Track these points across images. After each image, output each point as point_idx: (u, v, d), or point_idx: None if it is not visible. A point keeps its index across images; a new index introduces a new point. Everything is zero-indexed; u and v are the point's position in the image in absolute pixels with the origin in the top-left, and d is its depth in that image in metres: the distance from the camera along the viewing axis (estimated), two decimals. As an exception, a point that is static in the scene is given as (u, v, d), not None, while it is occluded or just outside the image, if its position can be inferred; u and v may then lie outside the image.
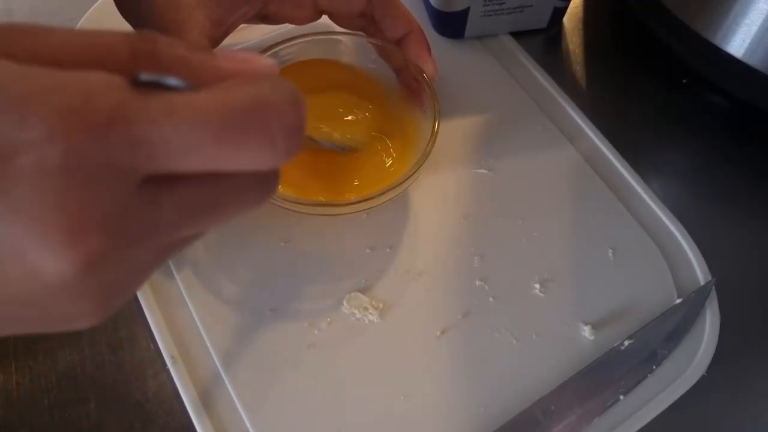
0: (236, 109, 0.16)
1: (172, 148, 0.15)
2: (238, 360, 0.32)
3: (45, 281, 0.15)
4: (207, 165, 0.16)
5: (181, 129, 0.15)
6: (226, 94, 0.16)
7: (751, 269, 0.37)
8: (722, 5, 0.39)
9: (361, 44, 0.38)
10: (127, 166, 0.15)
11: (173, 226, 0.17)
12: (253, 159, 0.16)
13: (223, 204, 0.18)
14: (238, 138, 0.16)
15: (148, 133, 0.15)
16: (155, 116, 0.15)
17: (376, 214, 0.37)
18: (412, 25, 0.36)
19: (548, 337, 0.33)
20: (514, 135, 0.41)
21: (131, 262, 0.17)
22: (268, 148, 0.16)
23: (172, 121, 0.15)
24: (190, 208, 0.17)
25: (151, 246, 0.17)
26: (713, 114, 0.44)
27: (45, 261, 0.15)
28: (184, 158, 0.16)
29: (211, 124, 0.15)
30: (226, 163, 0.16)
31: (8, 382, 0.32)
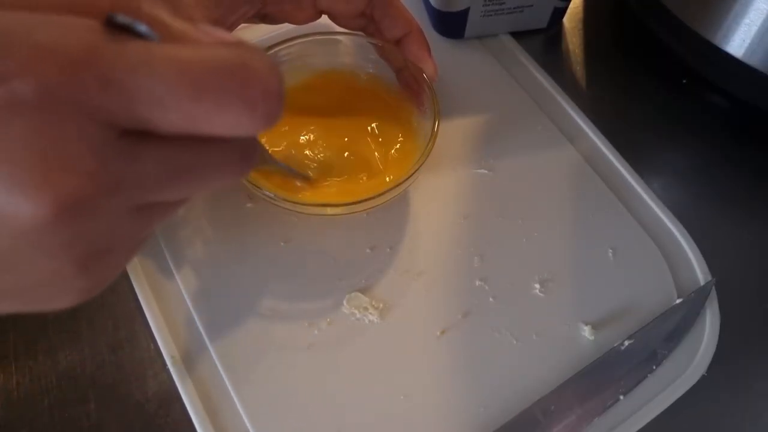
0: (216, 64, 0.15)
1: (148, 98, 0.15)
2: (238, 360, 0.32)
3: (16, 226, 0.14)
4: (184, 124, 0.16)
5: (158, 78, 0.15)
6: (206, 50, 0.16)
7: (751, 269, 0.37)
8: (722, 5, 0.39)
9: (361, 44, 0.38)
10: (102, 111, 0.15)
11: (151, 184, 0.17)
12: (233, 122, 0.16)
13: (202, 168, 0.18)
14: (218, 96, 0.15)
15: (125, 78, 0.14)
16: (132, 61, 0.15)
17: (376, 214, 0.37)
18: (411, 26, 0.36)
19: (548, 337, 0.33)
20: (514, 135, 0.41)
21: (110, 220, 0.16)
22: (247, 111, 0.16)
23: (151, 69, 0.15)
24: (169, 169, 0.17)
25: (128, 203, 0.16)
26: (713, 114, 0.44)
27: (15, 202, 0.14)
28: (160, 111, 0.15)
29: (189, 75, 0.15)
30: (205, 122, 0.16)
31: (8, 382, 0.32)
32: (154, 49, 0.15)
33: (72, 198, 0.14)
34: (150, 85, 0.15)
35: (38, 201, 0.14)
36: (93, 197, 0.15)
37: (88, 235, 0.16)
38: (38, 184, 0.14)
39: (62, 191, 0.14)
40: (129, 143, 0.15)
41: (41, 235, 0.15)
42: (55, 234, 0.15)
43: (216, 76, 0.15)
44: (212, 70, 0.15)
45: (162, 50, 0.15)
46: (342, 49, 0.39)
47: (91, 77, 0.14)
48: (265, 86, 0.16)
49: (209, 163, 0.18)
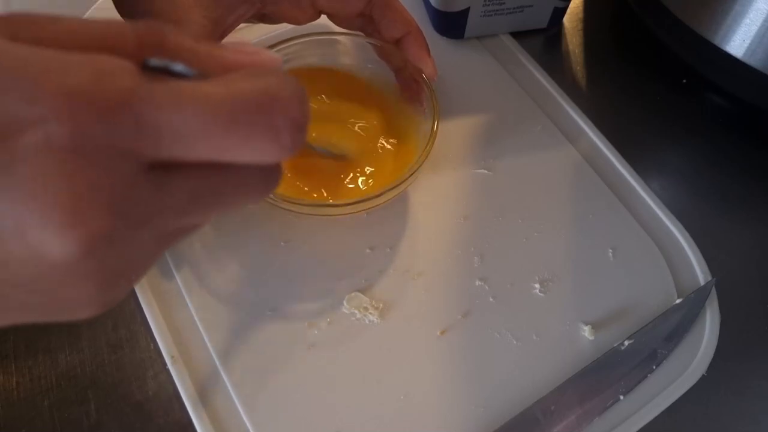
0: (244, 100, 0.16)
1: (179, 135, 0.15)
2: (237, 360, 0.32)
3: (48, 261, 0.15)
4: (212, 154, 0.16)
5: (188, 116, 0.15)
6: (234, 84, 0.16)
7: (751, 269, 0.37)
8: (722, 5, 0.39)
9: (360, 44, 0.38)
10: (134, 150, 0.15)
11: (177, 213, 0.17)
12: (258, 152, 0.17)
13: (226, 194, 0.18)
14: (245, 129, 0.16)
15: (156, 119, 0.15)
16: (164, 102, 0.15)
17: (376, 214, 0.37)
18: (410, 26, 0.36)
19: (548, 337, 0.33)
20: (514, 135, 0.41)
21: (134, 247, 0.17)
22: (273, 142, 0.16)
23: (181, 107, 0.15)
24: (195, 196, 0.17)
25: (154, 232, 0.17)
26: (713, 114, 0.44)
27: (48, 240, 0.14)
28: (190, 146, 0.16)
29: (219, 114, 0.16)
30: (231, 153, 0.16)
31: (8, 382, 0.32)
32: (185, 89, 0.16)
33: (101, 235, 0.15)
34: (180, 125, 0.15)
35: (69, 239, 0.15)
36: (121, 232, 0.16)
37: (113, 263, 0.16)
38: (69, 222, 0.14)
39: (92, 230, 0.15)
40: (156, 175, 0.16)
41: (69, 268, 0.15)
42: (82, 266, 0.15)
43: (244, 110, 0.16)
44: (240, 105, 0.16)
45: (192, 88, 0.16)
46: (341, 49, 0.39)
47: (125, 121, 0.15)
48: (289, 116, 0.17)
49: (233, 188, 0.18)
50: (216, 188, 0.18)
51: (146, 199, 0.16)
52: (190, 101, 0.15)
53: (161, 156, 0.16)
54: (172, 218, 0.17)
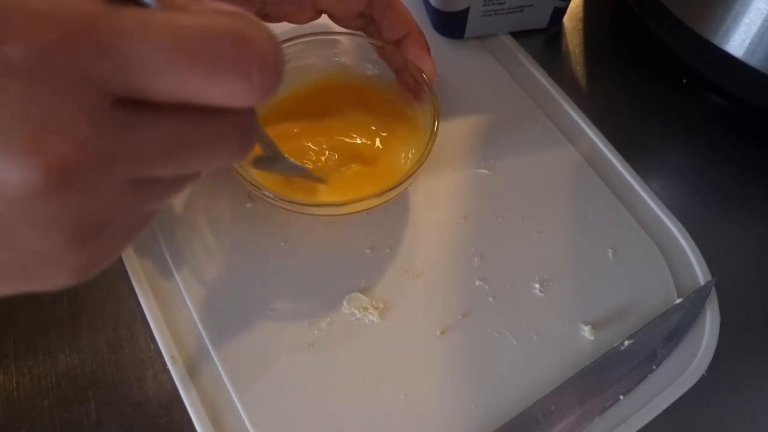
0: (213, 33, 0.15)
1: (143, 64, 0.15)
2: (238, 360, 0.32)
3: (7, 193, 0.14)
4: (179, 91, 0.15)
5: (154, 44, 0.15)
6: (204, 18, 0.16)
7: (751, 269, 0.37)
8: (722, 5, 0.39)
9: (361, 44, 0.38)
10: (96, 78, 0.14)
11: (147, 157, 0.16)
12: (228, 90, 0.16)
13: (200, 142, 0.17)
14: (213, 63, 0.15)
15: (120, 45, 0.14)
16: (128, 28, 0.14)
17: (376, 214, 0.37)
18: (411, 26, 0.36)
19: (548, 337, 0.33)
20: (514, 135, 0.41)
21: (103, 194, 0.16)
22: (243, 80, 0.16)
23: (146, 35, 0.14)
24: (165, 140, 0.16)
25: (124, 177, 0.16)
26: (713, 114, 0.44)
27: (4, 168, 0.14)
28: (155, 78, 0.15)
29: (186, 43, 0.15)
30: (199, 90, 0.16)
31: (8, 382, 0.32)
32: (150, 16, 0.15)
33: (63, 165, 0.14)
34: (145, 52, 0.14)
35: (28, 166, 0.14)
36: (85, 165, 0.15)
37: (80, 206, 0.16)
38: (28, 148, 0.14)
39: (53, 157, 0.14)
40: (123, 112, 0.15)
41: (32, 204, 0.15)
42: (46, 203, 0.15)
43: (211, 43, 0.15)
44: (208, 37, 0.15)
45: (159, 17, 0.15)
46: (342, 49, 0.39)
47: (86, 44, 0.14)
48: (261, 55, 0.16)
49: (206, 137, 0.17)
50: (188, 133, 0.17)
51: (111, 134, 0.15)
52: (156, 28, 0.15)
53: (126, 89, 0.15)
54: (142, 162, 0.16)
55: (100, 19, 0.14)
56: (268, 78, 0.16)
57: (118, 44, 0.14)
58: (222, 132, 0.18)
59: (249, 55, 0.16)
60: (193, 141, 0.17)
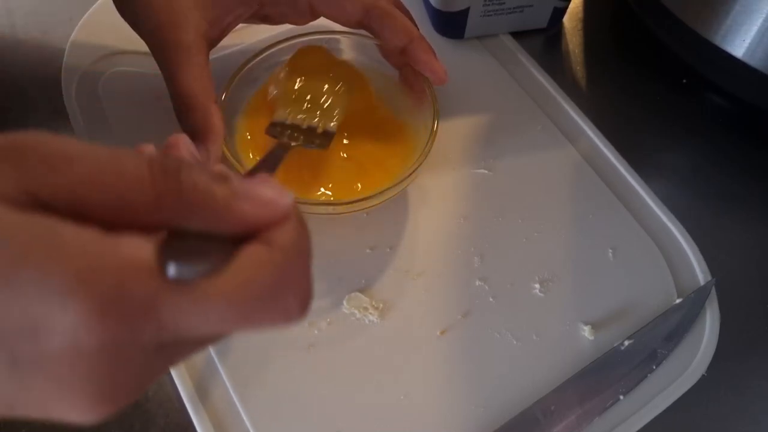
0: (256, 291, 0.17)
1: (196, 331, 0.16)
2: (238, 360, 0.32)
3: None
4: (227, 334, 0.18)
5: (205, 317, 0.16)
6: (245, 274, 0.17)
7: (751, 269, 0.37)
8: (722, 5, 0.39)
9: (361, 43, 0.38)
10: (154, 345, 0.16)
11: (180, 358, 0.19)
12: (270, 326, 0.18)
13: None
14: (258, 318, 0.17)
15: (176, 321, 0.16)
16: (183, 305, 0.16)
17: (376, 214, 0.37)
18: (412, 34, 0.35)
19: (548, 337, 0.33)
20: (514, 135, 0.41)
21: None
22: (284, 319, 0.18)
23: (198, 310, 0.16)
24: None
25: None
26: (713, 114, 0.44)
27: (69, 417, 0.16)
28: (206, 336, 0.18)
29: (235, 312, 0.16)
30: (247, 331, 0.18)
31: (8, 382, 0.32)
32: (201, 290, 0.16)
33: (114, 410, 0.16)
34: (200, 324, 0.16)
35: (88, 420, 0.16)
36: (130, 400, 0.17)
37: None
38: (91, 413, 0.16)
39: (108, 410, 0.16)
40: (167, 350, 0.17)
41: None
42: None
43: (256, 303, 0.17)
44: (253, 298, 0.17)
45: (208, 289, 0.16)
46: (342, 48, 0.39)
47: (148, 326, 0.15)
48: (299, 294, 0.18)
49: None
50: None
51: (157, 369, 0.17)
52: (207, 302, 0.16)
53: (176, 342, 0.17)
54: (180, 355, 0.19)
55: (159, 301, 0.16)
56: (305, 309, 0.18)
57: (174, 322, 0.16)
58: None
59: (289, 297, 0.18)
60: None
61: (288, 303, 0.17)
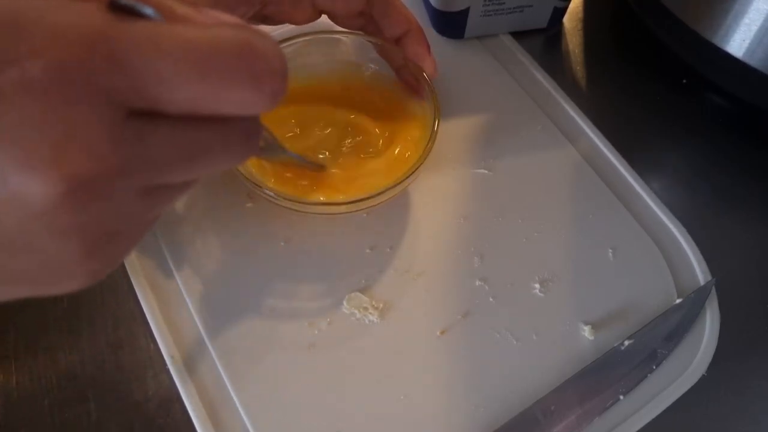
0: (221, 44, 0.16)
1: (156, 76, 0.15)
2: (238, 360, 0.32)
3: (28, 207, 0.15)
4: (191, 101, 0.16)
5: (166, 56, 0.15)
6: (211, 29, 0.16)
7: (751, 269, 0.37)
8: (722, 5, 0.39)
9: (361, 43, 0.38)
10: (112, 91, 0.15)
11: (159, 166, 0.17)
12: (239, 100, 0.16)
13: (210, 149, 0.18)
14: (224, 74, 0.16)
15: (133, 57, 0.15)
16: (140, 41, 0.15)
17: (376, 214, 0.37)
18: (411, 24, 0.36)
19: (548, 337, 0.33)
20: (514, 135, 0.41)
21: (118, 202, 0.16)
22: (253, 90, 0.16)
23: (158, 48, 0.15)
24: (177, 149, 0.17)
25: (137, 185, 0.17)
26: (713, 114, 0.44)
27: (26, 182, 0.14)
28: (168, 89, 0.15)
29: (198, 56, 0.15)
30: (211, 101, 0.16)
31: (8, 382, 0.32)
32: (160, 28, 0.15)
33: (83, 177, 0.15)
34: (157, 64, 0.15)
35: (49, 180, 0.14)
36: (103, 177, 0.15)
37: (97, 216, 0.16)
38: (49, 163, 0.14)
39: (73, 170, 0.14)
40: (138, 124, 0.16)
41: (52, 216, 0.15)
42: (65, 214, 0.15)
43: (222, 55, 0.16)
44: (218, 49, 0.16)
45: (168, 30, 0.15)
46: (342, 48, 0.39)
47: (100, 57, 0.14)
48: (269, 65, 0.16)
49: (216, 143, 0.18)
50: (198, 142, 0.17)
51: (127, 146, 0.15)
52: (168, 42, 0.15)
53: (140, 101, 0.15)
54: (156, 171, 0.17)
55: (113, 33, 0.15)
56: (277, 85, 0.17)
57: (131, 58, 0.15)
58: (230, 137, 0.18)
59: (258, 64, 0.16)
60: (203, 148, 0.17)
61: (257, 68, 0.16)
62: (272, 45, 0.17)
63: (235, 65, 0.16)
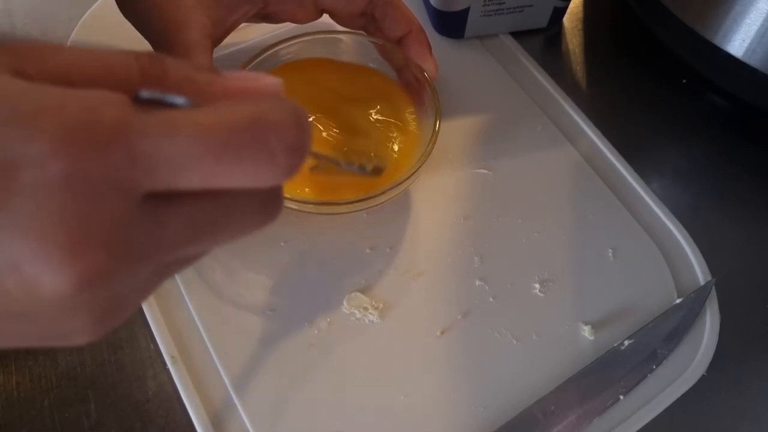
0: (236, 125, 0.16)
1: (172, 163, 0.15)
2: (238, 360, 0.32)
3: (42, 297, 0.15)
4: (207, 181, 0.16)
5: (181, 144, 0.15)
6: (227, 111, 0.16)
7: (751, 269, 0.37)
8: (722, 5, 0.39)
9: (362, 43, 0.38)
10: (128, 182, 0.15)
11: (175, 245, 0.17)
12: (253, 175, 0.16)
13: (225, 223, 0.18)
14: (237, 153, 0.16)
15: (149, 149, 0.15)
16: (156, 131, 0.15)
17: (376, 214, 0.37)
18: (412, 25, 0.36)
19: (548, 337, 0.33)
20: (514, 135, 0.41)
21: (131, 280, 0.17)
22: (267, 164, 0.16)
23: (172, 136, 0.15)
24: (192, 227, 0.17)
25: (152, 264, 0.17)
26: (713, 114, 0.44)
27: (43, 276, 0.15)
28: (183, 174, 0.16)
29: (211, 140, 0.15)
30: (226, 179, 0.16)
31: (8, 382, 0.32)
32: (177, 118, 0.15)
33: (97, 272, 0.15)
34: (174, 153, 0.15)
35: (62, 275, 0.15)
36: (115, 268, 0.15)
37: (109, 298, 0.16)
38: (63, 260, 0.14)
39: (86, 266, 0.15)
40: (151, 207, 0.16)
41: (63, 303, 0.15)
42: (76, 301, 0.15)
43: (235, 136, 0.16)
44: (231, 130, 0.16)
45: (184, 117, 0.16)
46: (343, 48, 0.39)
47: (118, 153, 0.15)
48: (285, 139, 0.16)
49: (232, 217, 0.18)
50: (214, 217, 0.17)
51: (142, 232, 0.16)
52: (182, 129, 0.15)
53: (155, 186, 0.16)
54: (170, 250, 0.17)
55: (129, 126, 0.15)
56: (295, 158, 0.17)
57: (146, 149, 0.15)
58: (247, 209, 0.18)
59: (273, 141, 0.16)
60: (219, 222, 0.18)
61: (271, 144, 0.16)
62: (289, 115, 0.17)
63: (249, 144, 0.16)
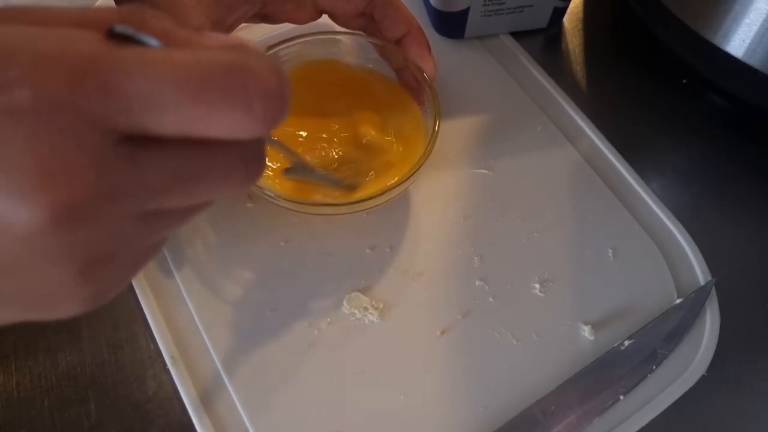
0: (213, 67, 0.15)
1: (145, 102, 0.15)
2: (238, 360, 0.32)
3: (15, 232, 0.15)
4: (183, 126, 0.16)
5: (155, 82, 0.15)
6: (205, 53, 0.16)
7: (751, 269, 0.37)
8: (722, 5, 0.39)
9: (362, 44, 0.38)
10: (101, 117, 0.15)
11: (154, 191, 0.16)
12: (230, 122, 0.16)
13: (206, 176, 0.17)
14: (214, 97, 0.15)
15: (122, 84, 0.15)
16: (130, 67, 0.15)
17: (376, 214, 0.37)
18: (411, 25, 0.36)
19: (548, 337, 0.33)
20: (514, 135, 0.41)
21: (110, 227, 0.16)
22: (244, 111, 0.16)
23: (147, 73, 0.15)
24: (172, 174, 0.16)
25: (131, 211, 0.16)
26: (713, 114, 0.44)
27: (13, 208, 0.14)
28: (158, 114, 0.15)
29: (187, 79, 0.15)
30: (202, 124, 0.16)
31: (8, 382, 0.32)
32: (151, 54, 0.15)
33: (69, 203, 0.15)
34: (146, 89, 0.15)
35: (35, 206, 0.14)
36: (91, 203, 0.15)
37: (87, 241, 0.16)
38: (35, 190, 0.14)
39: (59, 197, 0.14)
40: (128, 149, 0.16)
41: (40, 241, 0.15)
42: (53, 239, 0.15)
43: (212, 77, 0.15)
44: (208, 72, 0.15)
45: (160, 54, 0.15)
46: (342, 48, 0.39)
47: (89, 85, 0.14)
48: (263, 86, 0.16)
49: (212, 169, 0.17)
50: (193, 166, 0.17)
51: (117, 171, 0.15)
52: (157, 66, 0.15)
53: (130, 126, 0.15)
54: (148, 197, 0.16)
55: (103, 59, 0.15)
56: (272, 108, 0.16)
57: (120, 84, 0.15)
58: (228, 163, 0.18)
59: (250, 86, 0.16)
60: (198, 173, 0.17)
61: (248, 91, 0.16)
62: (268, 65, 0.16)
63: (226, 87, 0.15)
